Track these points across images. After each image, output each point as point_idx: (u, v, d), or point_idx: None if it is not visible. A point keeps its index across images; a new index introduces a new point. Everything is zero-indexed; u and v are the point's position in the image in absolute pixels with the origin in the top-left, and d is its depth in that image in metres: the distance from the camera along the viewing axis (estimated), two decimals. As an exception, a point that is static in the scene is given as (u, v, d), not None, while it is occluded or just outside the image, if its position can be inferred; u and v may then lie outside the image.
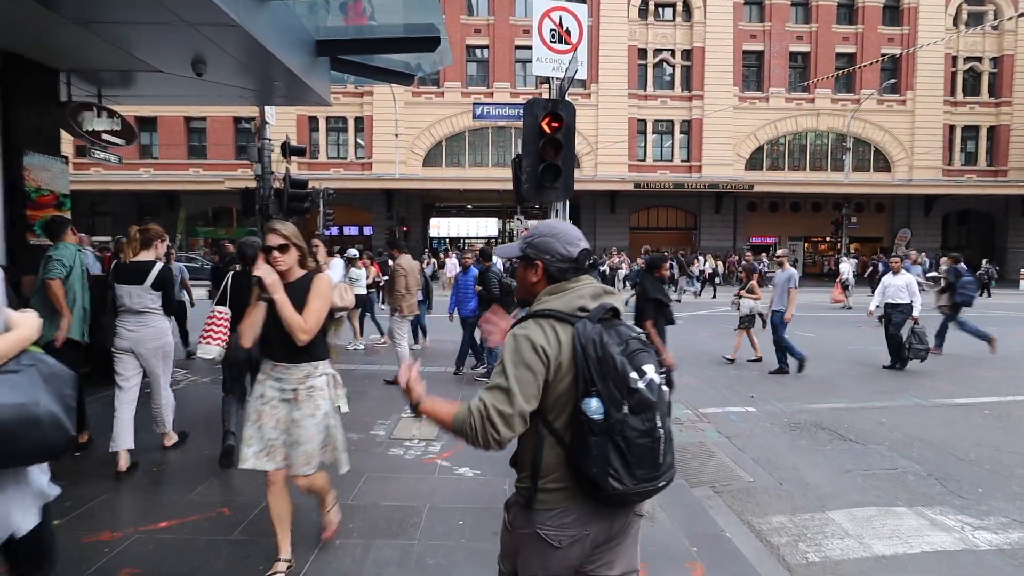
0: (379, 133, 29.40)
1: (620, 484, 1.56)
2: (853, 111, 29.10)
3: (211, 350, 4.18)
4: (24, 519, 1.85)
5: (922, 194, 30.53)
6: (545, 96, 6.37)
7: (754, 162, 31.02)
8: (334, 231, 30.01)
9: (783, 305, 8.41)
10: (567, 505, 1.66)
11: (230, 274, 4.44)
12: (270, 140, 11.24)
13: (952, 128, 31.24)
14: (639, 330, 1.72)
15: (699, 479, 4.68)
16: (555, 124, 5.94)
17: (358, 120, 30.08)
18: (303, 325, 2.80)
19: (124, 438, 4.32)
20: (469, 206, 33.61)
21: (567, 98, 6.04)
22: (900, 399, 7.19)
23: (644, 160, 30.64)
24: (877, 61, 28.92)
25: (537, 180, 5.97)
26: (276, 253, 2.85)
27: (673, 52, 30.40)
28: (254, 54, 6.50)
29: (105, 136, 8.17)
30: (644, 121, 30.47)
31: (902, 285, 8.86)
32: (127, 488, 4.13)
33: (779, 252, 9.29)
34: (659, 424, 1.59)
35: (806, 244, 32.87)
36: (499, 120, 25.56)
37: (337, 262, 8.76)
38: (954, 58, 30.87)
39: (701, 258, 24.69)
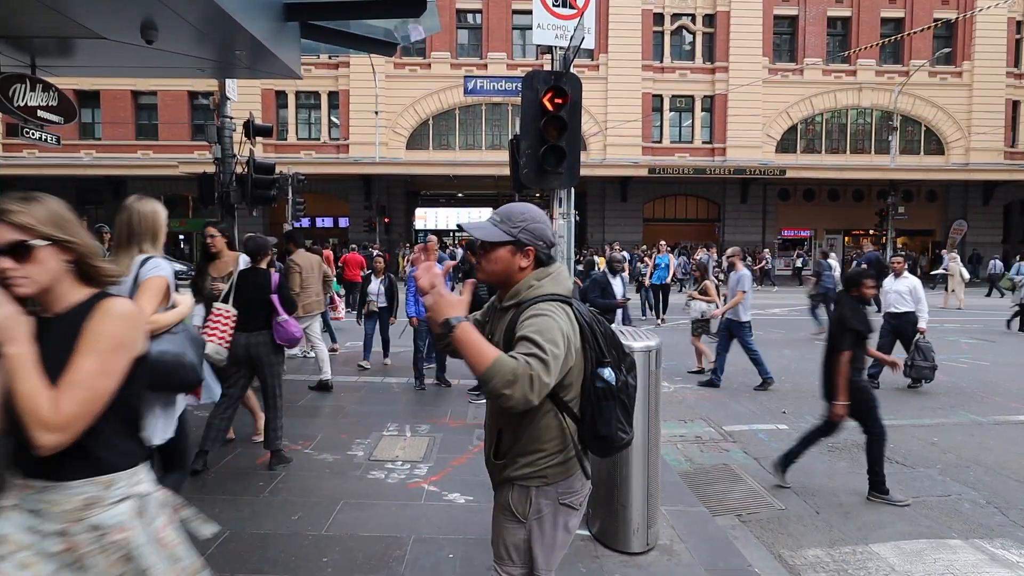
0: (356, 110, 29.40)
1: (626, 435, 2.04)
2: (901, 85, 29.22)
3: (209, 347, 4.51)
4: (167, 430, 3.11)
5: (980, 180, 30.60)
6: (548, 68, 6.37)
7: (786, 144, 31.12)
8: (305, 223, 29.98)
9: (740, 315, 8.45)
10: (576, 471, 2.07)
11: (236, 272, 5.04)
12: (231, 118, 11.23)
13: (1016, 104, 31.35)
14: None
15: (723, 506, 4.70)
16: (559, 100, 5.95)
17: (332, 95, 30.07)
18: (46, 414, 1.56)
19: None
20: (460, 194, 33.65)
21: (572, 70, 6.05)
22: (955, 416, 7.22)
23: (660, 142, 30.72)
24: (929, 27, 29.04)
25: (538, 164, 5.98)
26: (6, 262, 1.63)
27: (693, 17, 30.49)
28: (212, 18, 6.47)
29: (41, 113, 8.15)
30: (660, 97, 30.55)
31: (904, 290, 8.31)
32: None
33: (729, 251, 9.34)
34: (632, 381, 2.12)
35: (846, 238, 32.95)
36: (494, 96, 25.58)
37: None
38: (1019, 23, 30.97)
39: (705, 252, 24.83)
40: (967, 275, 19.73)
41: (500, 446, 2.08)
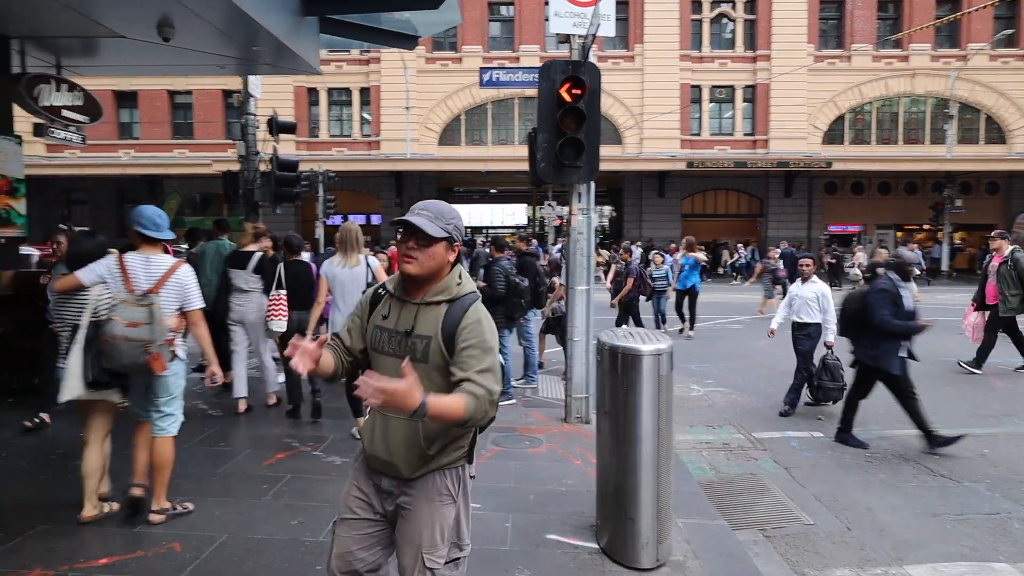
0: (388, 106, 29.59)
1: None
2: (958, 70, 28.10)
3: (280, 324, 6.29)
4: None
5: (1045, 170, 29.21)
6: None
7: (833, 135, 30.24)
8: (337, 220, 30.31)
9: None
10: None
11: (281, 264, 6.44)
12: (255, 115, 11.35)
13: (1084, 88, 29.82)
14: None
15: (747, 519, 4.50)
16: (576, 90, 5.82)
17: (363, 92, 30.34)
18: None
19: (240, 388, 6.66)
20: (493, 190, 33.62)
21: (608, 62, 5.89)
22: (1009, 425, 6.85)
23: (699, 134, 30.18)
24: (989, 6, 27.80)
25: (554, 157, 5.86)
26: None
27: (734, 4, 29.87)
28: (228, 15, 6.50)
29: (65, 112, 8.32)
30: (699, 88, 30.00)
31: (811, 297, 7.21)
32: (71, 517, 4.13)
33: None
34: None
35: (898, 233, 31.87)
36: (512, 87, 25.44)
37: None
38: (1087, 2, 29.46)
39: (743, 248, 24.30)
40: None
41: (428, 437, 2.13)
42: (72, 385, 3.74)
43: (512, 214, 34.62)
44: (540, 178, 6.05)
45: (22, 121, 7.94)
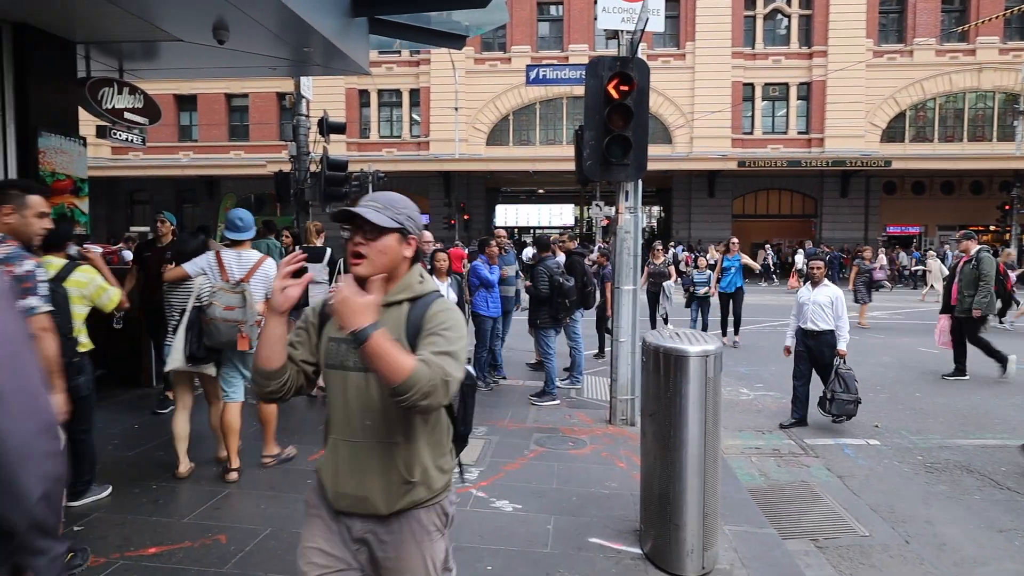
0: (437, 107, 29.82)
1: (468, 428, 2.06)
2: (1027, 65, 26.79)
3: None
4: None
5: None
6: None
7: (892, 133, 29.17)
8: (386, 220, 30.68)
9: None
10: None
11: (340, 260, 6.91)
12: (307, 116, 11.55)
13: None
14: None
15: (797, 528, 4.34)
16: (624, 87, 5.72)
17: (413, 93, 30.64)
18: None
19: None
20: (540, 190, 33.58)
21: (658, 60, 5.79)
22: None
23: (751, 133, 29.51)
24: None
25: (601, 155, 5.78)
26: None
27: (789, 0, 29.10)
28: (279, 16, 6.63)
29: (127, 115, 8.62)
30: (751, 85, 29.34)
31: (825, 302, 6.63)
32: (124, 506, 4.26)
33: (596, 252, 8.48)
34: None
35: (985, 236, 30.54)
36: (559, 85, 25.24)
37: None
38: None
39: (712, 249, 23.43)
40: None
41: (407, 459, 1.82)
42: (175, 358, 4.51)
43: (559, 214, 34.52)
44: (587, 176, 5.98)
45: (87, 124, 8.25)
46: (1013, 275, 9.75)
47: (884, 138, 29.04)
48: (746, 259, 11.62)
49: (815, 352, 6.66)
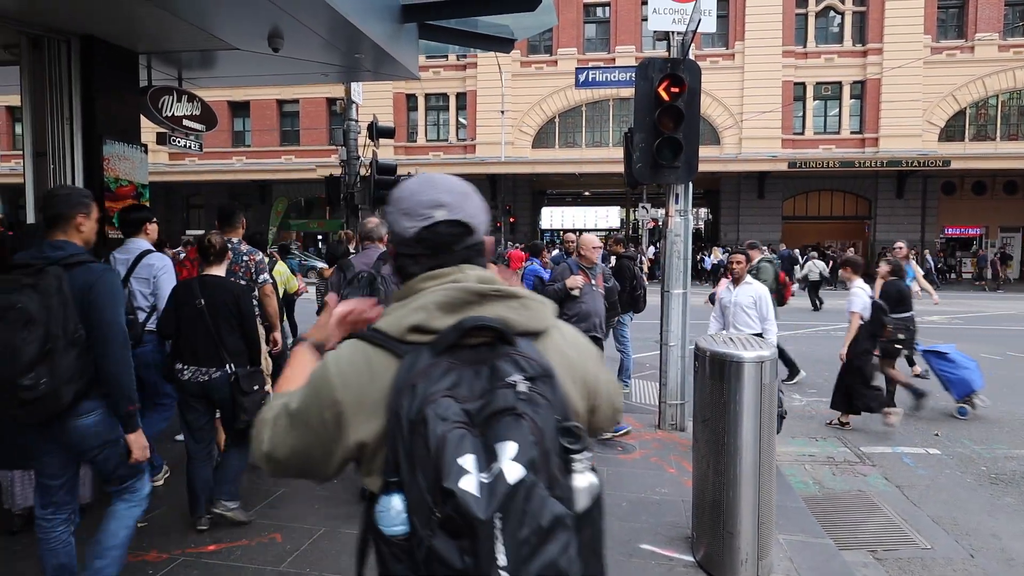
0: (483, 110, 29.96)
1: None
2: (1097, 60, 25.49)
3: None
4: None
5: None
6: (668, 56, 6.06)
7: (952, 131, 28.11)
8: (432, 223, 30.95)
9: None
10: None
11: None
12: (357, 121, 11.74)
13: None
14: (538, 366, 1.12)
15: (854, 539, 4.21)
16: (675, 89, 5.65)
17: (460, 96, 30.85)
18: None
19: None
20: (586, 193, 33.44)
21: (707, 60, 5.71)
22: None
23: (802, 133, 28.81)
24: None
25: (652, 158, 5.72)
26: None
27: (843, -4, 28.40)
28: (332, 23, 6.76)
29: (186, 122, 8.91)
30: (803, 85, 28.65)
31: (747, 303, 6.05)
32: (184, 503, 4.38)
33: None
34: (499, 561, 0.95)
35: (1026, 237, 29.28)
36: (608, 87, 25.05)
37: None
38: None
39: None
40: None
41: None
42: None
43: (606, 216, 34.34)
44: (636, 179, 5.93)
45: (147, 132, 8.55)
46: None
47: (942, 137, 28.01)
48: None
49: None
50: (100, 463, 2.81)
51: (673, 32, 5.97)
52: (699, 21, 5.33)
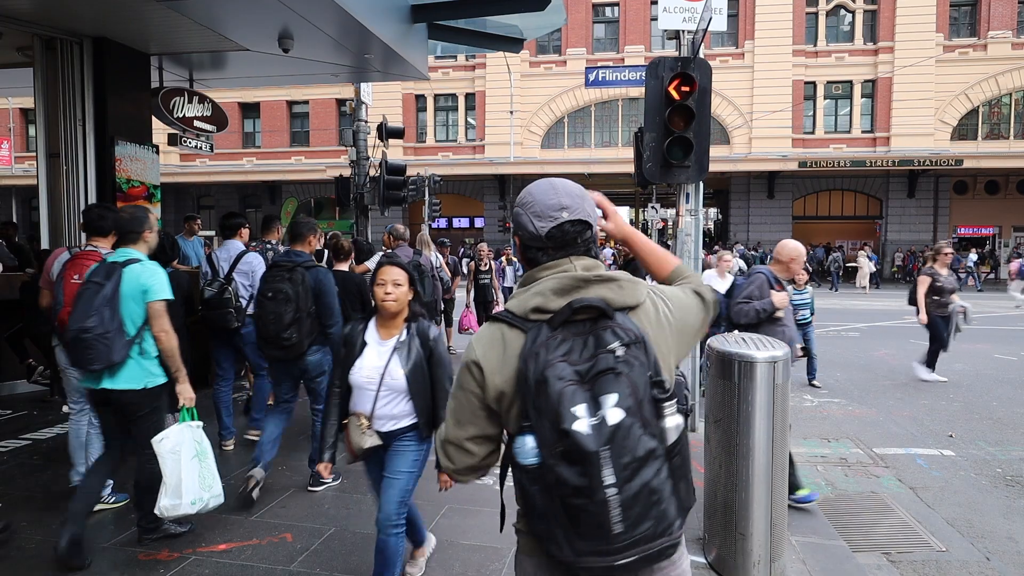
0: (492, 111, 29.97)
1: (560, 552, 1.39)
2: (1113, 57, 25.19)
3: None
4: None
5: None
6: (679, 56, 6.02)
7: (964, 130, 27.88)
8: (443, 223, 31.02)
9: None
10: (526, 554, 1.57)
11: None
12: (366, 122, 11.75)
13: None
14: (632, 334, 1.40)
15: (868, 541, 4.16)
16: (685, 88, 5.61)
17: (469, 97, 30.87)
18: None
19: None
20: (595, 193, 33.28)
21: (716, 60, 5.68)
22: None
23: (812, 132, 28.66)
24: None
25: (662, 157, 5.68)
26: None
27: (854, -5, 28.21)
28: (341, 24, 6.77)
29: (197, 123, 8.95)
30: (813, 84, 28.50)
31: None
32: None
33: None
34: (606, 481, 1.30)
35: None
36: (618, 87, 24.97)
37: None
38: None
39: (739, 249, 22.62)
40: None
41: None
42: None
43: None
44: (646, 179, 5.89)
45: (159, 133, 8.60)
46: None
47: (955, 136, 27.78)
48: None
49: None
50: (318, 383, 4.54)
51: (683, 31, 5.94)
52: (710, 20, 5.30)
